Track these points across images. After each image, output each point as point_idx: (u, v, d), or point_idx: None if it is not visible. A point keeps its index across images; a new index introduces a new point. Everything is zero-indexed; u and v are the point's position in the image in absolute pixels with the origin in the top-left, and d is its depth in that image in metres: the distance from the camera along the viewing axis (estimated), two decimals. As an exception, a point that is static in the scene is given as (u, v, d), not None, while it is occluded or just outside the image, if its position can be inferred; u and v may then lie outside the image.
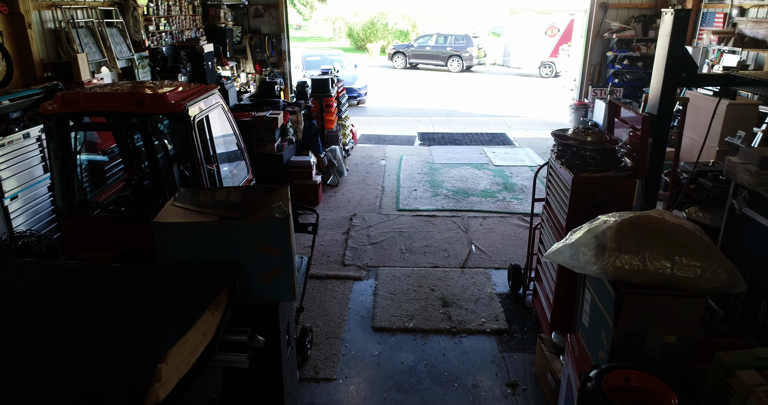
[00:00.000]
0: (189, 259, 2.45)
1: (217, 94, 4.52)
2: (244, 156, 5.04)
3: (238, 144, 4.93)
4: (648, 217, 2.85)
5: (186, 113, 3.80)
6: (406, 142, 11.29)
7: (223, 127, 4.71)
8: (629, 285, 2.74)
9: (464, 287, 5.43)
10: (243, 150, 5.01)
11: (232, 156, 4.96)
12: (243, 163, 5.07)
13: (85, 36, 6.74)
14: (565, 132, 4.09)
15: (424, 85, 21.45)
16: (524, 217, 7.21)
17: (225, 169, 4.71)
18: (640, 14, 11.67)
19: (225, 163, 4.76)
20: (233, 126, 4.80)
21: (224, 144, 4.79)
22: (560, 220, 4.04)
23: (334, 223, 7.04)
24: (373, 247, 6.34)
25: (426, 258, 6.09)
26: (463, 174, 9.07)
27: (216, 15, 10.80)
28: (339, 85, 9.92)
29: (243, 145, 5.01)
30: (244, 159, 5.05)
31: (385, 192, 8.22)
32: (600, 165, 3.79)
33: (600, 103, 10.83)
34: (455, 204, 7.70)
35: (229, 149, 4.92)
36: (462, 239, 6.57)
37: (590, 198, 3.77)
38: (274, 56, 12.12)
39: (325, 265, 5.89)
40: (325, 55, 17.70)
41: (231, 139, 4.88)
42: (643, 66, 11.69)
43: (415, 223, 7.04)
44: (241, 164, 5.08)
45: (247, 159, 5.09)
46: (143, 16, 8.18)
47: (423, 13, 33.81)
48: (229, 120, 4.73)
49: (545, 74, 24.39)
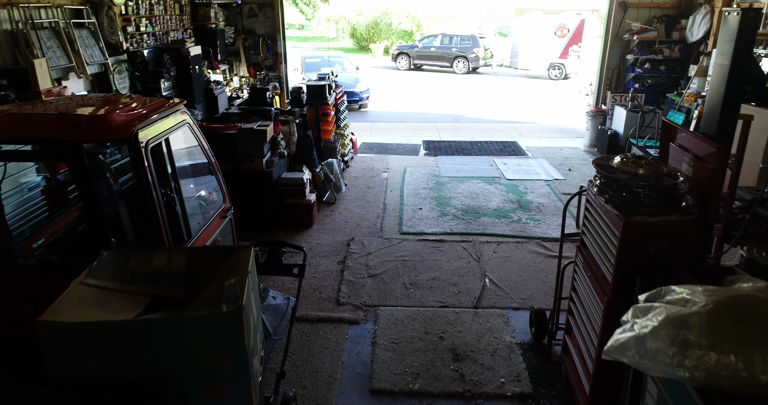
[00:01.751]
0: (93, 375, 1.68)
1: (182, 111, 3.74)
2: (219, 181, 4.25)
3: (211, 168, 4.14)
4: (749, 298, 2.04)
5: (135, 139, 3.01)
6: (410, 152, 10.49)
7: (190, 150, 3.93)
8: (727, 396, 1.95)
9: (478, 334, 4.63)
10: (218, 174, 4.23)
11: (203, 183, 4.18)
12: (218, 189, 4.28)
13: (49, 38, 5.98)
14: (610, 161, 3.29)
15: (428, 87, 20.64)
16: (543, 243, 6.40)
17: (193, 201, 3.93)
18: (663, 14, 10.83)
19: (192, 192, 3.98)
20: (204, 147, 4.02)
21: (192, 170, 4.01)
22: (603, 271, 3.24)
23: (330, 250, 6.24)
24: (372, 281, 5.55)
25: (433, 294, 5.29)
26: (473, 189, 8.26)
27: (206, 15, 10.02)
28: (338, 91, 9.13)
29: (218, 169, 4.22)
30: (219, 185, 4.26)
31: (387, 211, 7.42)
32: (657, 206, 2.98)
33: (620, 110, 10.00)
34: (465, 226, 6.89)
35: (199, 175, 4.14)
36: (474, 270, 5.77)
37: (645, 248, 2.97)
38: (269, 59, 11.34)
39: (316, 304, 5.10)
40: (326, 57, 16.91)
41: (202, 162, 4.10)
42: (665, 70, 10.85)
43: (421, 250, 6.24)
44: (216, 192, 4.30)
45: (223, 184, 4.30)
46: (120, 15, 7.41)
47: (428, 13, 32.97)
48: (198, 140, 3.94)
49: (554, 76, 23.55)
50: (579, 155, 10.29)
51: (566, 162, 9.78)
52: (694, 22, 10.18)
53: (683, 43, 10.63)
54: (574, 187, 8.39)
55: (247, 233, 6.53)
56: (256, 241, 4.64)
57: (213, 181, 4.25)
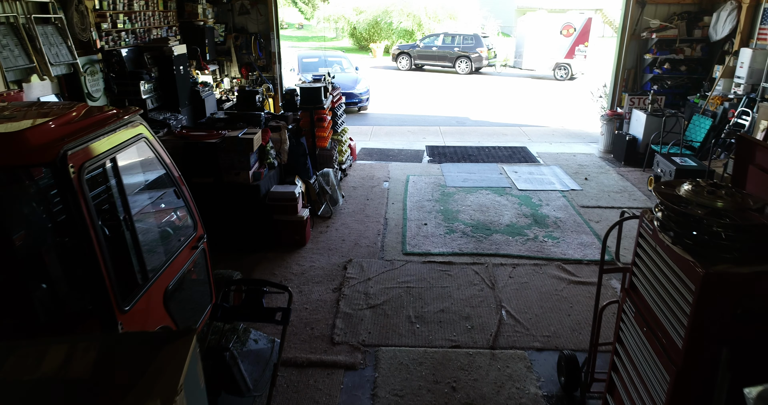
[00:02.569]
0: None
1: (137, 122, 3.03)
2: (188, 205, 3.54)
3: (179, 190, 3.43)
4: None
5: (62, 162, 2.31)
6: (412, 159, 9.78)
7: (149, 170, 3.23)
8: None
9: (497, 384, 3.92)
10: (187, 197, 3.52)
11: (168, 209, 3.47)
12: (187, 215, 3.57)
13: (5, 36, 5.26)
14: (676, 189, 2.58)
15: (430, 88, 19.93)
16: (565, 266, 5.69)
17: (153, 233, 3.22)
18: (683, 11, 10.13)
19: (152, 222, 3.27)
20: (168, 165, 3.31)
21: (152, 195, 3.30)
22: (668, 330, 2.52)
23: (324, 274, 5.53)
24: (372, 313, 4.83)
25: (442, 331, 4.58)
26: (482, 201, 7.55)
27: (193, 11, 9.32)
28: (335, 93, 8.41)
29: (187, 191, 3.51)
30: (190, 209, 3.55)
31: (388, 227, 6.71)
32: (746, 252, 2.28)
33: (639, 114, 9.28)
34: (476, 245, 6.18)
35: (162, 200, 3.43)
36: (488, 300, 5.06)
37: (730, 306, 2.26)
38: (262, 59, 10.64)
39: (307, 343, 4.39)
40: (324, 57, 16.20)
41: (165, 184, 3.39)
42: (686, 70, 10.15)
43: (427, 274, 5.53)
44: (184, 218, 3.59)
45: (194, 208, 3.59)
46: (93, 11, 6.71)
47: (429, 12, 32.21)
48: (160, 158, 3.23)
49: (560, 76, 22.84)
50: (594, 162, 9.57)
51: (581, 170, 9.07)
52: (719, 19, 9.47)
53: (706, 42, 9.93)
54: (593, 198, 7.69)
55: (232, 254, 5.83)
56: (232, 280, 3.95)
57: (181, 205, 3.54)
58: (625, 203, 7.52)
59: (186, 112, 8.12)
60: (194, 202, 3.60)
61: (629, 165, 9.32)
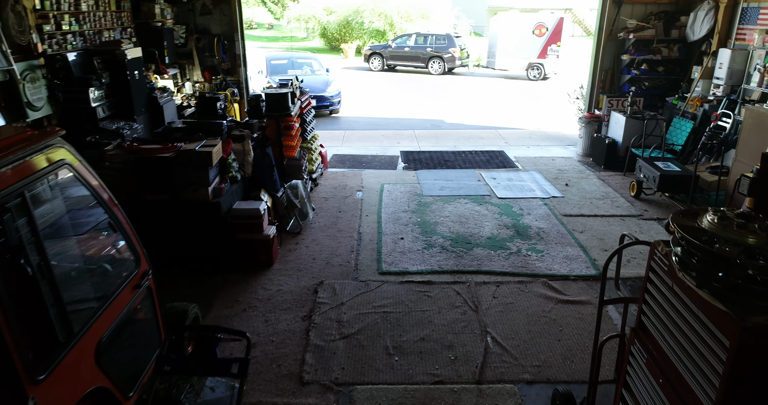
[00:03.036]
0: None
1: (58, 145, 2.53)
2: (128, 239, 3.04)
3: (115, 222, 2.93)
4: None
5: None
6: (387, 165, 9.35)
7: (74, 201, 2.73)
8: None
9: (487, 428, 3.52)
10: (126, 230, 3.02)
11: (101, 246, 2.97)
12: (127, 248, 3.07)
13: (-76, 39, 4.65)
14: (698, 220, 2.20)
15: (404, 89, 19.54)
16: (551, 283, 5.33)
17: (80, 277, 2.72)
18: (660, 11, 9.92)
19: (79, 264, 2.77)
20: (100, 195, 2.81)
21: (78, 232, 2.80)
22: (691, 386, 2.14)
23: (293, 299, 5.06)
24: (346, 344, 4.38)
25: (424, 363, 4.16)
26: (461, 211, 7.17)
27: (150, 11, 8.72)
28: (303, 98, 7.93)
29: (126, 223, 3.01)
30: (130, 243, 3.06)
31: (362, 242, 6.26)
32: (788, 299, 1.91)
33: (618, 117, 9.03)
34: (456, 261, 5.79)
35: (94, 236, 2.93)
36: (471, 324, 4.66)
37: (770, 366, 1.89)
38: (226, 61, 10.07)
39: (273, 384, 3.92)
40: (293, 58, 15.66)
41: (97, 217, 2.89)
42: (664, 71, 9.95)
43: (405, 297, 5.11)
44: (123, 253, 3.08)
45: (136, 242, 3.09)
46: (34, 11, 6.10)
47: (401, 11, 31.84)
48: (89, 186, 2.73)
49: (533, 77, 22.71)
50: (574, 166, 9.29)
51: (561, 175, 8.76)
52: (696, 19, 9.28)
53: (683, 42, 9.75)
54: (576, 206, 7.38)
55: (191, 277, 5.32)
56: (181, 327, 3.45)
57: (119, 238, 3.04)
58: (608, 211, 7.22)
59: (142, 120, 7.54)
60: (136, 234, 3.10)
61: (609, 169, 9.06)
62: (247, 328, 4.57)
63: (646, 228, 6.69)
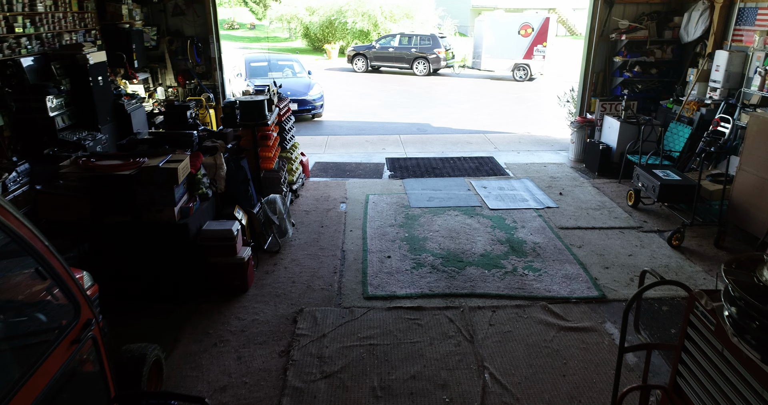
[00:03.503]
0: None
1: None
2: (65, 286, 2.55)
3: (48, 268, 2.44)
4: None
5: None
6: (372, 174, 8.89)
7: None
8: None
9: None
10: (62, 276, 2.53)
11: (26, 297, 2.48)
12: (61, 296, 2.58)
13: None
14: (757, 272, 1.78)
15: (388, 91, 19.09)
16: (551, 307, 4.92)
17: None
18: (652, 11, 9.59)
19: None
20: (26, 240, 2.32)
21: None
22: None
23: (269, 331, 4.58)
24: (327, 385, 3.92)
25: (415, 408, 3.72)
26: (452, 225, 6.74)
27: (117, 12, 8.16)
28: (282, 105, 7.44)
29: (62, 267, 2.52)
30: (67, 291, 2.56)
31: (346, 262, 5.80)
32: None
33: (612, 121, 8.68)
34: (448, 282, 5.35)
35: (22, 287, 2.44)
36: (467, 358, 4.23)
37: None
38: (201, 65, 9.54)
39: (245, 438, 3.44)
40: (274, 60, 15.12)
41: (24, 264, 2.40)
42: (658, 73, 9.62)
43: (393, 325, 4.66)
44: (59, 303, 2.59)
45: (76, 288, 2.60)
46: (-20, 13, 5.53)
47: (385, 11, 31.38)
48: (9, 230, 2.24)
49: (519, 77, 22.40)
50: (567, 174, 8.92)
51: (555, 183, 8.38)
52: (690, 19, 8.96)
53: (677, 44, 9.42)
54: (572, 218, 6.99)
55: (157, 307, 4.82)
56: (120, 396, 2.95)
57: (53, 287, 2.54)
58: (606, 222, 6.84)
59: (108, 129, 7.01)
60: (73, 279, 2.61)
61: (604, 176, 8.71)
62: (217, 367, 4.09)
63: (647, 242, 6.31)
